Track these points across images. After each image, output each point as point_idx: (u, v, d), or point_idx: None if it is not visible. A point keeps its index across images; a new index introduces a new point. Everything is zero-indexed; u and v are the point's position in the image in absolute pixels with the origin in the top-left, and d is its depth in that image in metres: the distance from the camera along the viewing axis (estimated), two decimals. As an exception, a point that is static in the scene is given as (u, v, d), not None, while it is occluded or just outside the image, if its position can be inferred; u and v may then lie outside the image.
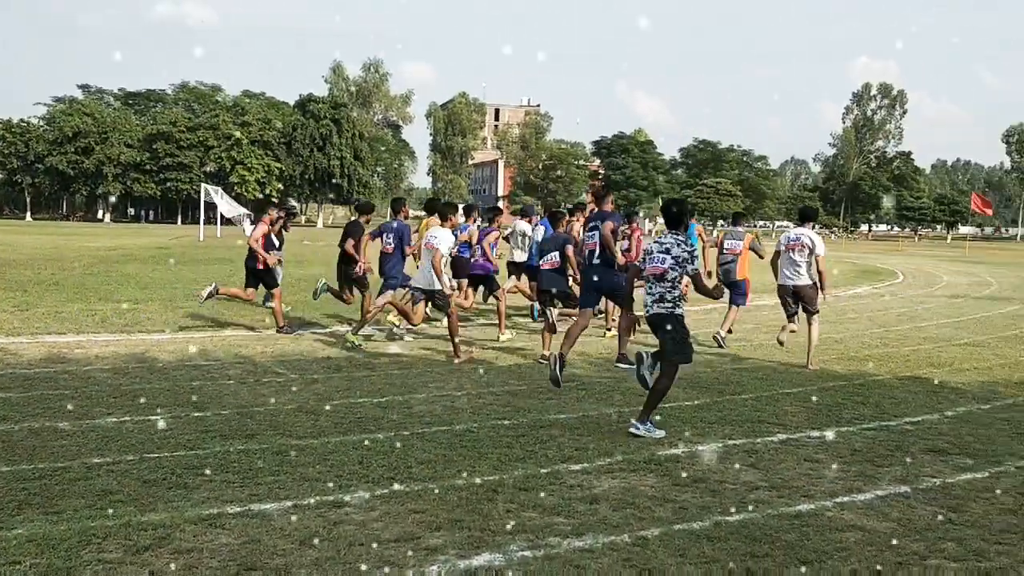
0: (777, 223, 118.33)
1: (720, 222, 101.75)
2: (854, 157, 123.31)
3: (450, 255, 10.83)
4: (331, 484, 5.49)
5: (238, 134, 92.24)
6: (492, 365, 9.98)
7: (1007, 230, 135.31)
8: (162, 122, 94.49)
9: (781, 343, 10.85)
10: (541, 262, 10.82)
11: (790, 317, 10.45)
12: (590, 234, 10.08)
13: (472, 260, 12.82)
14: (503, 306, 12.40)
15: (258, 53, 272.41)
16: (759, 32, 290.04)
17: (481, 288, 13.27)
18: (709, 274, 11.94)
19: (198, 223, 53.81)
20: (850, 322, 15.15)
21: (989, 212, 55.26)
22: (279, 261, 12.83)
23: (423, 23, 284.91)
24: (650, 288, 7.16)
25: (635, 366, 7.30)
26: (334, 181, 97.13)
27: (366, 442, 6.50)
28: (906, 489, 5.69)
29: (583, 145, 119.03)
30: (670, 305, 7.05)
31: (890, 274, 30.54)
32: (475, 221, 12.96)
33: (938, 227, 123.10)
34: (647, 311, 7.23)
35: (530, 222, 14.23)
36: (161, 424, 6.80)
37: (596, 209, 10.47)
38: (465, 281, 12.97)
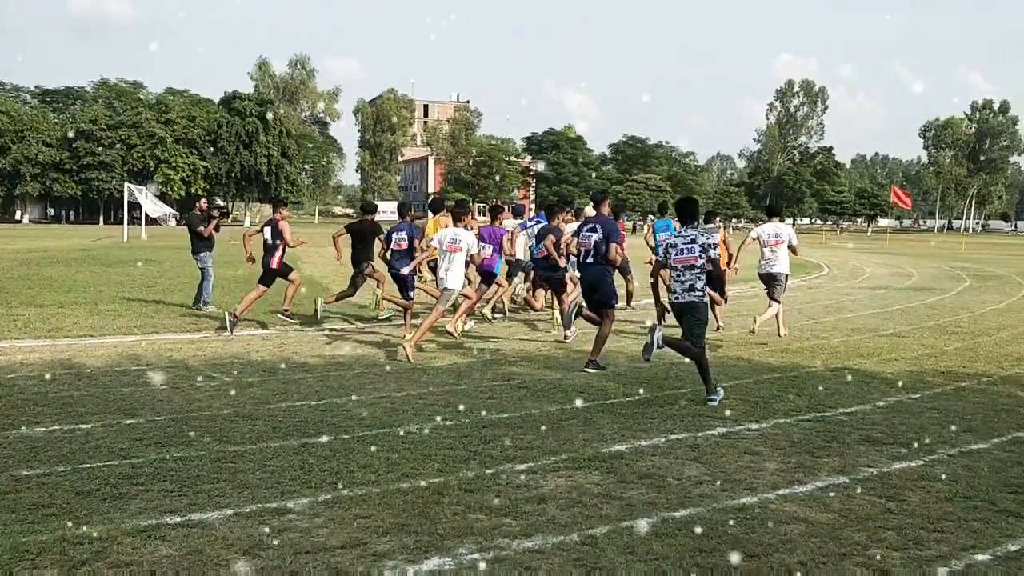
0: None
1: (650, 216, 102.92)
2: (778, 153, 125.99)
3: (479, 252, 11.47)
4: (273, 490, 5.37)
5: (162, 132, 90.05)
6: (430, 365, 9.90)
7: (924, 222, 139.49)
8: (82, 120, 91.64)
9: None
10: (536, 252, 11.38)
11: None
12: (586, 236, 10.13)
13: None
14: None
15: (181, 50, 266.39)
16: (684, 30, 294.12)
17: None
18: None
19: (121, 223, 52.37)
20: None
21: (908, 205, 56.90)
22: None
23: (350, 18, 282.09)
24: (678, 277, 8.08)
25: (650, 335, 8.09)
26: (262, 179, 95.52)
27: (307, 446, 6.38)
28: (845, 480, 5.79)
29: (514, 142, 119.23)
30: (700, 294, 8.04)
31: (816, 267, 31.21)
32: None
33: (859, 220, 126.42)
34: (674, 298, 8.14)
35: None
36: (92, 432, 6.58)
37: (595, 213, 10.47)
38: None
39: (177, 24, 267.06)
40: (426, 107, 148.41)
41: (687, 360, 8.57)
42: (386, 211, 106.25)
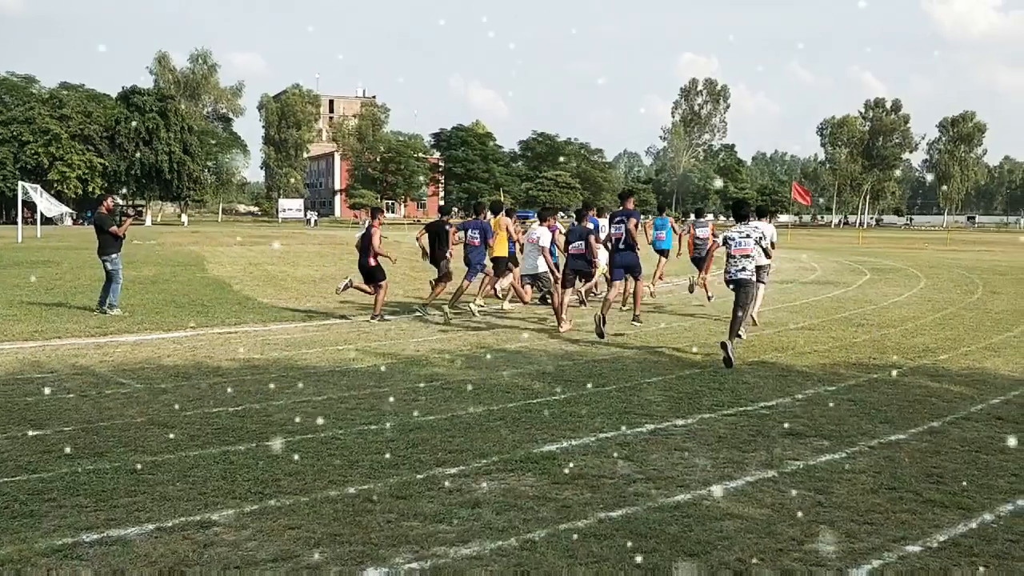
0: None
1: (560, 213, 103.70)
2: (683, 150, 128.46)
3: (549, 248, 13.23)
4: (195, 502, 5.14)
5: (56, 128, 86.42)
6: (349, 367, 9.69)
7: (823, 217, 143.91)
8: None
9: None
10: (570, 248, 12.87)
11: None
12: (616, 227, 12.91)
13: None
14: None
15: (74, 43, 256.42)
16: (588, 28, 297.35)
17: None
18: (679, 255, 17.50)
19: (15, 223, 50.08)
20: (696, 310, 15.66)
21: (808, 201, 58.70)
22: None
23: (251, 12, 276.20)
24: (735, 262, 10.36)
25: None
26: (163, 176, 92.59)
27: (228, 455, 6.15)
28: (774, 474, 5.86)
29: (422, 137, 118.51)
30: (749, 273, 10.36)
31: (723, 262, 31.83)
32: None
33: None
34: (729, 276, 10.45)
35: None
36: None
37: (622, 207, 13.29)
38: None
39: (69, 16, 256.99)
40: (332, 102, 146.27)
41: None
42: (290, 208, 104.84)
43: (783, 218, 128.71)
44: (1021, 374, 9.61)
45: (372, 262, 13.89)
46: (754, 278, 10.54)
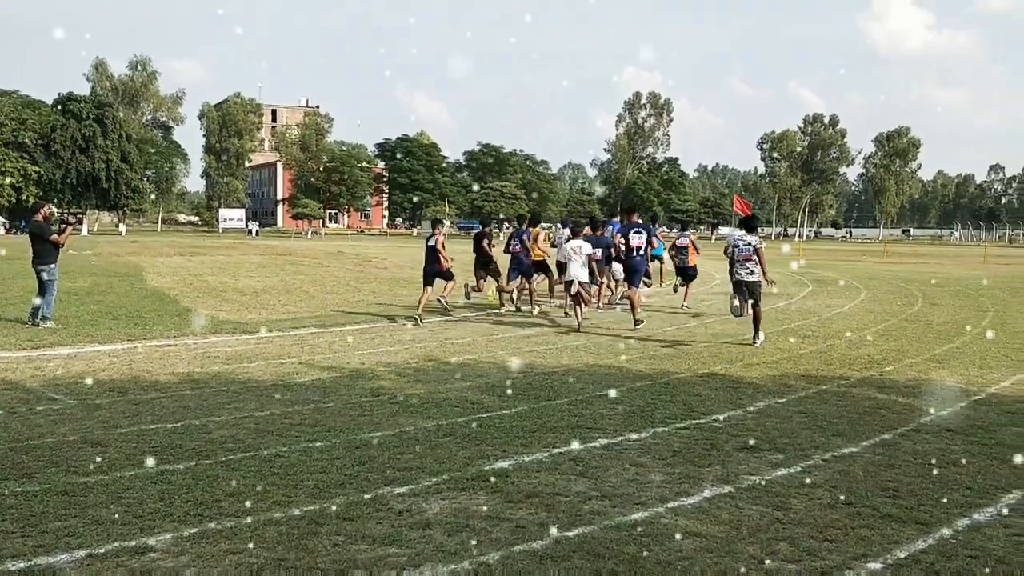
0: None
1: (505, 224, 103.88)
2: (627, 162, 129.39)
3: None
4: (131, 526, 4.86)
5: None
6: (292, 381, 9.41)
7: (763, 230, 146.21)
8: None
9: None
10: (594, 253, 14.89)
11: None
12: (634, 236, 15.09)
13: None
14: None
15: (8, 48, 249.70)
16: (533, 40, 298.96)
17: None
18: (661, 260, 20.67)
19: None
20: (642, 321, 15.62)
21: (749, 213, 59.49)
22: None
23: (193, 19, 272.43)
24: (743, 265, 12.49)
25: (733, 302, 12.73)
26: (100, 185, 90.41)
27: (165, 475, 5.85)
28: (730, 489, 5.76)
29: (366, 147, 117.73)
30: (756, 276, 12.46)
31: (669, 274, 31.98)
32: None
33: (701, 227, 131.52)
34: (739, 277, 12.53)
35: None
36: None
37: (627, 220, 15.85)
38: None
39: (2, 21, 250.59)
40: (274, 112, 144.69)
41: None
42: (232, 218, 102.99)
43: (724, 230, 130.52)
44: (966, 385, 9.70)
45: (444, 266, 15.74)
46: (758, 279, 12.51)
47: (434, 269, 15.72)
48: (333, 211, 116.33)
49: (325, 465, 6.17)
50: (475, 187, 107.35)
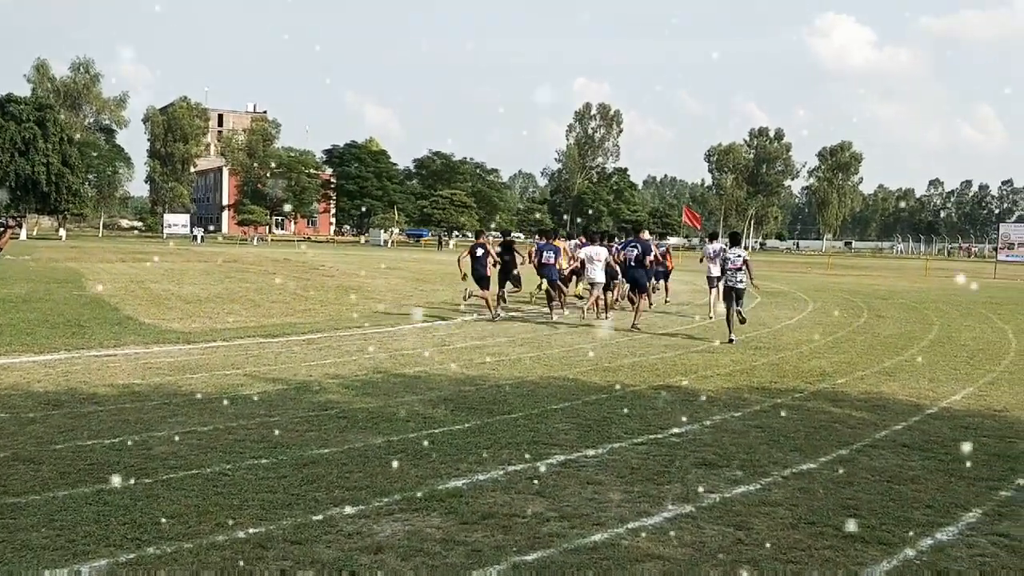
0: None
1: (455, 232, 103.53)
2: (578, 172, 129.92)
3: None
4: (63, 551, 4.55)
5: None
6: (237, 394, 9.07)
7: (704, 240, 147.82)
8: None
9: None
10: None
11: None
12: (630, 250, 16.95)
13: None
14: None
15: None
16: (484, 48, 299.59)
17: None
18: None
19: None
20: (597, 331, 15.53)
21: (698, 224, 59.97)
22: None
23: (138, 22, 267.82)
24: (733, 275, 14.48)
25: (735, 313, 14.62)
26: (40, 189, 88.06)
27: (101, 494, 5.53)
28: (691, 509, 5.61)
29: (313, 153, 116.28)
30: (743, 283, 14.55)
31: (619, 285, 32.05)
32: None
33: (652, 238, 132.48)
34: (729, 283, 14.58)
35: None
36: None
37: (631, 237, 18.11)
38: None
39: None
40: (221, 116, 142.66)
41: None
42: (176, 224, 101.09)
43: (673, 240, 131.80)
44: (918, 399, 9.72)
45: (488, 272, 17.52)
46: (745, 286, 14.64)
47: (481, 273, 17.56)
48: (279, 217, 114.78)
49: (271, 484, 5.89)
50: (423, 200, 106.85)
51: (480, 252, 17.67)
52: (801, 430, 7.98)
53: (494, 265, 17.86)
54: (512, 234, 22.14)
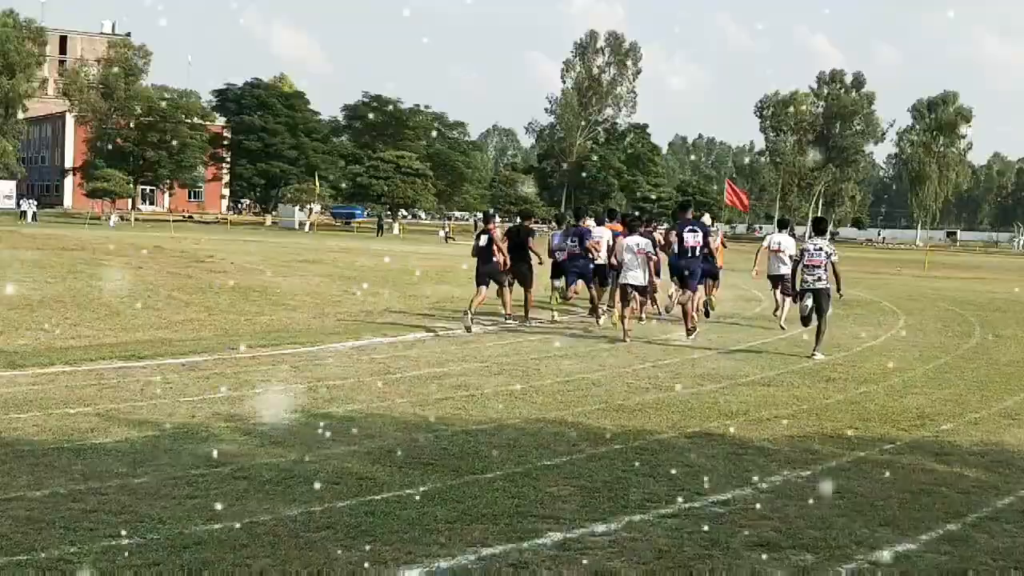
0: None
1: (403, 213, 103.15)
2: (577, 129, 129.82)
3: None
4: None
5: None
6: (87, 442, 8.97)
7: (761, 228, 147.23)
8: None
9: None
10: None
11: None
12: (689, 234, 18.39)
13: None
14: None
15: None
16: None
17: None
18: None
19: None
20: (605, 353, 15.56)
21: (746, 206, 60.33)
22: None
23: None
24: (811, 272, 15.76)
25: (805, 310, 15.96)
26: None
27: None
28: (744, 612, 5.59)
29: (199, 96, 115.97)
30: (824, 283, 15.72)
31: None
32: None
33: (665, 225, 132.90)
34: (805, 284, 15.84)
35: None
36: None
37: (680, 219, 19.57)
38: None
39: None
40: (64, 40, 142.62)
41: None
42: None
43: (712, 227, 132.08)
44: (1056, 453, 9.80)
45: (502, 267, 18.93)
46: (827, 286, 15.81)
47: (489, 269, 18.89)
48: (149, 187, 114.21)
49: (135, 576, 5.82)
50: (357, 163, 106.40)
51: (484, 241, 19.02)
52: (894, 496, 8.06)
53: (504, 266, 18.99)
54: (533, 220, 24.67)
